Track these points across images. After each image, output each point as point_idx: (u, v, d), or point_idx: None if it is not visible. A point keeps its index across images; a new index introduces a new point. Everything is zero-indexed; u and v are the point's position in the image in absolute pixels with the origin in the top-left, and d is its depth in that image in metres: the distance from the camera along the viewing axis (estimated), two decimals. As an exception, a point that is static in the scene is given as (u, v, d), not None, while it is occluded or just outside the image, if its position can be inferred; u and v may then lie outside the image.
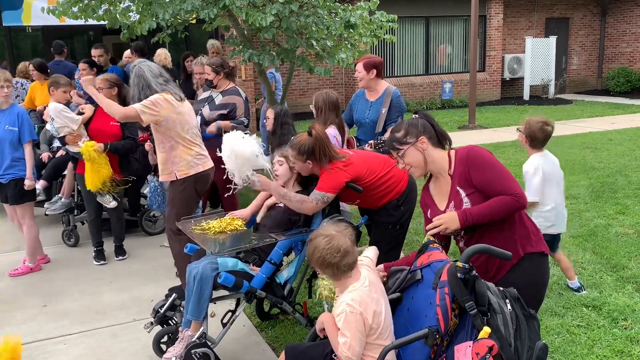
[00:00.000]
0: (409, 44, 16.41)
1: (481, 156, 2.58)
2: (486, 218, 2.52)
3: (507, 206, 2.49)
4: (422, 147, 2.65)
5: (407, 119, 2.75)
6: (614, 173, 7.77)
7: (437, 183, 2.76)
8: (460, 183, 2.60)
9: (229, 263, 3.32)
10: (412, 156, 2.66)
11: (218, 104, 5.41)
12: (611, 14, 19.18)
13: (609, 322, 3.86)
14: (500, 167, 2.56)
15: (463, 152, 2.63)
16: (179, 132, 4.12)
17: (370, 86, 4.94)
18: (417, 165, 2.68)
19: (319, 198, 3.40)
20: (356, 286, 2.43)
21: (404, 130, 2.68)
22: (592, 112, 14.40)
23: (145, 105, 3.97)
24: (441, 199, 2.71)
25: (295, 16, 6.41)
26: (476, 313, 2.20)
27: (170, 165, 4.17)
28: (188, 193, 4.25)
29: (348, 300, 2.38)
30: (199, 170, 4.27)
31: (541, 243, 2.65)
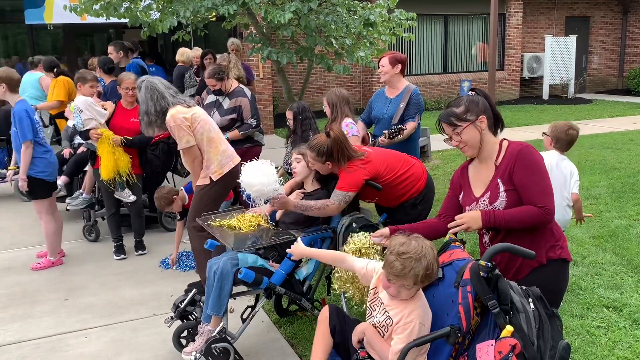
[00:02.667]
0: (427, 43, 16.33)
1: (532, 158, 2.51)
2: (509, 224, 2.49)
3: (533, 218, 2.46)
4: (481, 127, 2.57)
5: (467, 95, 2.63)
6: (635, 173, 7.67)
7: (478, 168, 2.69)
8: (503, 176, 2.54)
9: (249, 259, 3.35)
10: (470, 135, 2.57)
11: (227, 109, 5.48)
12: (633, 12, 18.92)
13: (630, 324, 3.82)
14: (544, 177, 2.50)
15: (516, 147, 2.55)
16: (206, 135, 4.17)
17: (392, 82, 4.93)
18: (472, 145, 2.59)
19: (341, 198, 3.42)
20: (423, 300, 2.41)
21: (464, 106, 2.57)
22: (613, 111, 14.22)
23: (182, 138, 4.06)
24: (478, 185, 2.66)
25: (314, 14, 6.43)
26: (499, 312, 2.19)
27: (205, 170, 4.21)
28: (218, 192, 4.30)
29: (421, 311, 2.35)
30: (231, 167, 4.31)
31: (565, 250, 2.61)
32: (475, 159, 2.69)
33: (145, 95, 4.12)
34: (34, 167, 4.94)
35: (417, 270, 2.26)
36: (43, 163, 4.99)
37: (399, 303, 2.39)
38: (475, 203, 2.62)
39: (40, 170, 4.98)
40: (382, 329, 2.42)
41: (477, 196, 2.62)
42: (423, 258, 2.27)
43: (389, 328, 2.39)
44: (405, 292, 2.33)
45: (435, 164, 8.93)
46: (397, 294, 2.34)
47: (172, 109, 4.10)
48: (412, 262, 2.26)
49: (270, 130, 12.30)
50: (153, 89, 4.11)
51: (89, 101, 5.23)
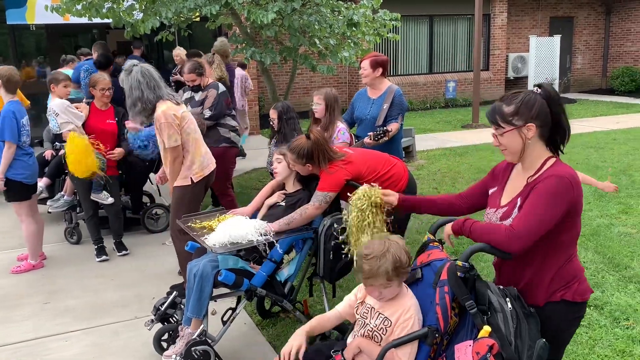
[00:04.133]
0: (412, 43, 16.37)
1: (553, 185, 2.15)
2: (470, 234, 2.29)
3: (494, 235, 2.18)
4: (527, 135, 2.22)
5: (526, 92, 2.24)
6: (618, 172, 7.74)
7: (519, 174, 2.36)
8: (525, 195, 2.23)
9: (229, 261, 3.32)
10: (511, 140, 2.24)
11: (197, 100, 5.52)
12: (616, 12, 19.10)
13: (611, 322, 3.85)
14: (548, 206, 2.13)
15: (553, 172, 2.19)
16: (192, 135, 4.15)
17: (374, 84, 4.94)
18: (512, 152, 2.27)
19: (322, 199, 3.40)
20: (410, 294, 2.41)
21: (515, 106, 2.22)
22: (597, 111, 14.35)
23: (171, 136, 3.99)
24: (509, 193, 2.37)
25: (297, 14, 6.41)
26: (476, 312, 2.20)
27: (186, 170, 4.18)
28: (197, 193, 4.28)
29: (415, 305, 2.35)
30: (211, 170, 4.30)
31: (586, 292, 2.30)
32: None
33: (141, 80, 3.95)
34: (12, 169, 4.88)
35: (385, 266, 2.27)
36: (22, 165, 4.92)
37: (391, 303, 2.38)
38: (495, 210, 2.37)
39: (19, 173, 4.91)
40: (380, 332, 2.38)
41: (501, 204, 2.36)
42: (387, 253, 2.28)
43: (387, 330, 2.36)
44: (387, 290, 2.32)
45: (420, 164, 8.95)
46: (381, 296, 2.34)
47: (163, 103, 4.01)
48: (377, 261, 2.27)
49: (256, 130, 12.27)
50: (150, 77, 3.99)
51: (65, 104, 5.16)
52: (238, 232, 3.18)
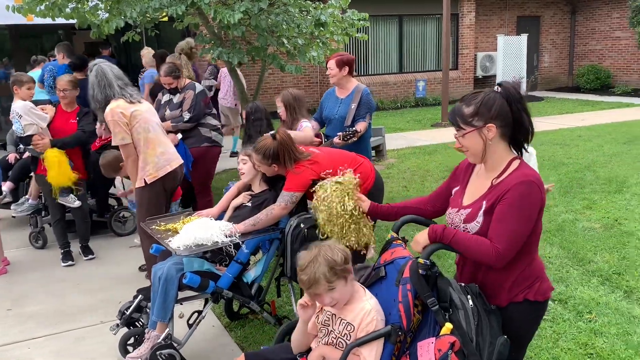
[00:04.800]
0: (382, 43, 16.46)
1: (526, 198, 2.13)
2: (453, 244, 2.23)
3: (479, 252, 2.16)
4: (487, 136, 2.20)
5: (486, 91, 2.22)
6: (583, 169, 7.90)
7: (481, 174, 2.35)
8: (490, 200, 2.20)
9: (194, 263, 3.29)
10: (472, 142, 2.22)
11: (175, 103, 5.45)
12: (580, 12, 19.49)
13: (574, 316, 3.92)
14: (522, 223, 2.14)
15: (520, 176, 2.17)
16: (144, 135, 4.11)
17: (341, 83, 4.97)
18: (474, 153, 2.26)
19: (288, 199, 3.39)
20: (369, 294, 2.40)
21: (474, 107, 2.19)
22: (563, 108, 14.62)
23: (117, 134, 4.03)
24: (471, 194, 2.35)
25: (265, 14, 6.39)
26: (438, 309, 2.21)
27: (140, 171, 4.15)
28: (157, 194, 4.23)
29: (375, 307, 2.33)
30: (168, 171, 4.26)
31: (547, 290, 2.33)
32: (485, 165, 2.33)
33: (94, 80, 4.08)
34: None
35: (321, 270, 2.26)
36: None
37: (351, 308, 2.37)
38: (457, 210, 2.34)
39: None
40: (344, 339, 2.36)
41: (463, 204, 2.34)
42: (318, 257, 2.28)
43: (350, 335, 2.34)
44: (336, 293, 2.31)
45: (390, 163, 9.00)
46: (333, 301, 2.33)
47: (113, 101, 4.04)
48: (311, 268, 2.27)
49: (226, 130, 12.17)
50: (102, 75, 4.07)
51: (28, 106, 5.05)
52: (203, 234, 3.15)
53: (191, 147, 5.39)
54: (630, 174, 7.48)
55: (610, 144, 9.59)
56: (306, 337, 2.56)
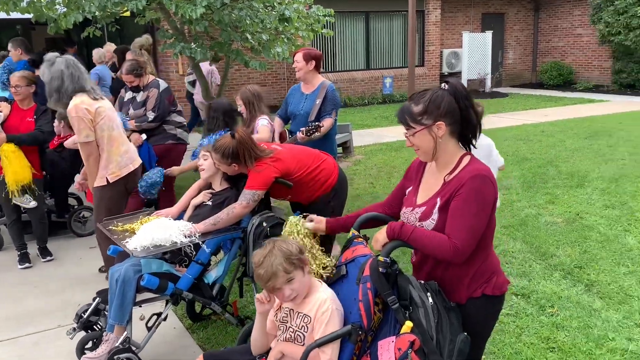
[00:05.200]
0: (349, 39, 16.45)
1: (480, 191, 2.13)
2: (411, 241, 2.21)
3: (438, 249, 2.15)
4: (437, 134, 2.19)
5: (434, 90, 2.21)
6: (545, 164, 8.01)
7: (433, 172, 2.34)
8: (444, 197, 2.20)
9: (152, 265, 3.21)
10: (423, 140, 2.22)
11: (139, 101, 5.31)
12: (544, 9, 19.83)
13: (537, 310, 3.96)
14: (479, 217, 2.14)
15: (472, 170, 2.17)
16: (108, 132, 4.01)
17: (307, 78, 4.93)
18: (425, 152, 2.25)
19: (250, 197, 3.33)
20: (325, 286, 2.38)
21: (423, 105, 2.18)
22: (527, 104, 14.84)
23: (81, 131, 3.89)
24: (424, 192, 2.34)
25: (228, 9, 6.29)
26: (398, 307, 2.19)
27: (102, 170, 4.03)
28: (119, 193, 4.13)
29: (331, 297, 2.31)
30: (130, 170, 4.16)
31: (504, 284, 2.33)
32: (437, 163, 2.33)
33: (64, 71, 3.90)
34: None
35: (277, 262, 2.25)
36: None
37: (307, 300, 2.35)
38: (412, 209, 2.33)
39: None
40: (301, 331, 2.34)
41: (417, 203, 2.33)
42: (273, 250, 2.28)
43: (308, 327, 2.33)
44: (296, 284, 2.29)
45: (357, 159, 8.99)
46: (293, 293, 2.30)
47: (77, 97, 3.92)
48: (268, 261, 2.26)
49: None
50: (75, 67, 3.95)
51: None
52: (161, 234, 3.07)
53: (155, 144, 5.28)
54: (591, 169, 7.62)
55: (572, 139, 9.77)
56: (265, 337, 2.51)
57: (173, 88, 12.13)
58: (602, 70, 18.37)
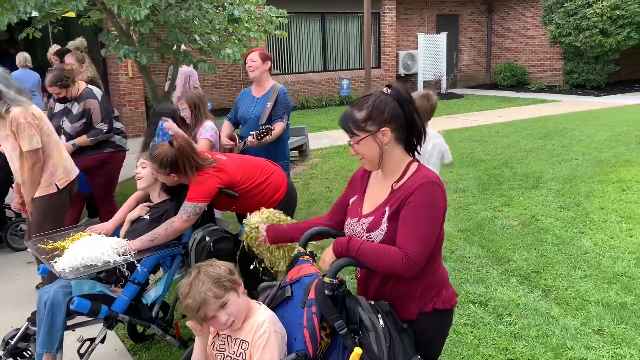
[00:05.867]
0: (305, 41, 16.30)
1: (430, 199, 2.01)
2: (360, 257, 2.05)
3: (390, 263, 1.98)
4: (383, 141, 2.07)
5: (377, 94, 2.08)
6: (500, 165, 8.00)
7: (379, 180, 2.21)
8: (393, 205, 2.07)
9: (84, 286, 2.94)
10: (368, 148, 2.08)
11: (76, 114, 4.91)
12: (496, 11, 20.10)
13: (495, 319, 3.85)
14: (431, 225, 2.00)
15: (421, 178, 2.05)
16: (54, 137, 3.80)
17: (261, 80, 4.73)
18: (371, 160, 2.12)
19: (191, 210, 3.10)
20: (264, 308, 2.21)
21: (366, 111, 2.06)
22: (482, 105, 14.96)
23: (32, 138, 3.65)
24: (370, 201, 2.20)
25: (174, 9, 6.02)
26: (346, 333, 2.01)
27: (49, 177, 3.76)
28: (63, 202, 3.89)
29: (269, 318, 2.13)
30: (76, 174, 3.94)
31: (453, 297, 2.22)
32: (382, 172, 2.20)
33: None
34: None
35: (205, 288, 2.08)
36: None
37: (244, 326, 2.17)
38: (357, 219, 2.18)
39: None
40: (239, 358, 2.17)
41: (363, 213, 2.19)
42: (198, 275, 2.12)
43: (245, 353, 2.15)
44: (231, 308, 2.12)
45: (314, 163, 8.83)
46: (229, 318, 2.11)
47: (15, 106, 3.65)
48: (195, 290, 2.08)
49: (143, 132, 11.63)
50: (6, 78, 3.70)
51: None
52: (92, 253, 2.82)
53: (95, 153, 4.98)
54: (545, 169, 7.64)
55: (526, 140, 9.83)
56: None
57: (123, 91, 11.83)
58: (554, 70, 18.74)
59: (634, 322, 3.73)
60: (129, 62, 11.15)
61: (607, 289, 4.22)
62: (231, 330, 2.18)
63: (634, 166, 7.61)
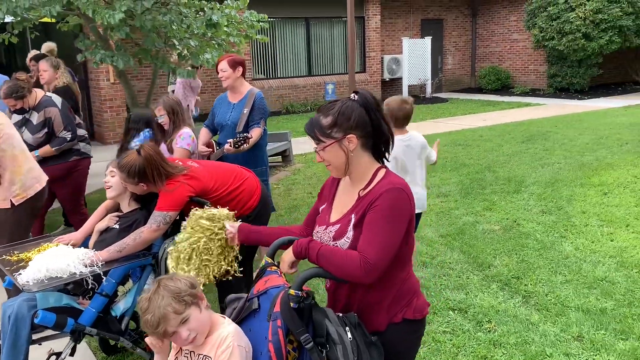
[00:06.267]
0: (290, 45, 16.25)
1: (395, 205, 1.97)
2: (319, 260, 2.02)
3: (348, 266, 1.94)
4: (349, 148, 2.04)
5: (343, 101, 2.06)
6: (483, 169, 7.98)
7: (347, 188, 2.17)
8: (358, 213, 2.04)
9: (50, 298, 2.86)
10: (334, 155, 2.05)
11: (36, 124, 4.77)
12: (481, 15, 20.18)
13: (474, 326, 3.80)
14: (392, 232, 1.96)
15: (387, 184, 2.01)
16: (10, 151, 3.62)
17: (235, 86, 4.66)
18: (336, 167, 2.08)
19: (160, 220, 3.03)
20: (229, 322, 2.14)
21: (332, 117, 2.03)
22: (466, 109, 14.99)
23: None
24: (338, 209, 2.17)
25: (152, 14, 5.94)
26: (312, 347, 1.95)
27: (5, 191, 3.64)
28: (21, 218, 3.73)
29: (233, 332, 2.06)
30: (37, 190, 3.78)
31: (424, 307, 2.17)
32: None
33: None
34: None
35: (165, 303, 1.99)
36: None
37: (207, 340, 2.10)
38: (325, 228, 2.15)
39: None
40: None
41: (331, 221, 2.15)
42: (159, 290, 2.03)
43: None
44: (192, 323, 2.04)
45: (297, 168, 8.77)
46: (191, 334, 2.04)
47: None
48: (154, 305, 1.99)
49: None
50: None
51: None
52: (57, 264, 2.73)
53: (59, 162, 4.87)
54: (528, 174, 7.63)
55: (509, 144, 9.83)
56: None
57: (104, 97, 11.71)
58: (538, 74, 18.83)
59: (613, 327, 3.70)
60: (110, 67, 11.04)
61: (588, 294, 4.19)
62: (194, 346, 2.11)
63: (616, 169, 7.63)
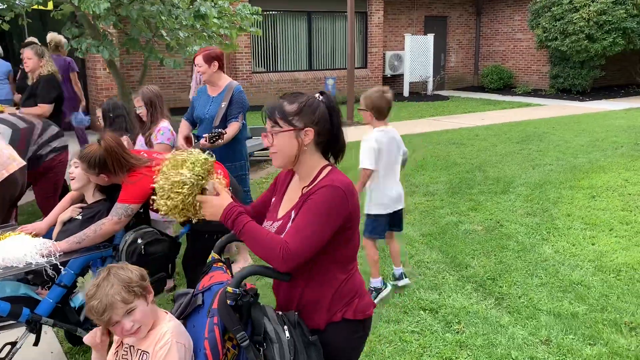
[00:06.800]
0: (291, 39, 16.19)
1: (327, 197, 1.95)
2: (243, 235, 2.00)
3: (269, 248, 1.93)
4: (303, 141, 2.02)
5: (310, 95, 2.06)
6: (473, 169, 7.93)
7: (295, 185, 2.16)
8: (299, 207, 2.03)
9: (6, 288, 2.86)
10: (286, 143, 2.02)
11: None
12: (485, 13, 20.06)
13: (443, 327, 3.78)
14: (322, 224, 1.93)
15: (327, 181, 2.00)
16: None
17: (213, 80, 4.62)
18: (283, 156, 2.04)
19: (122, 212, 3.01)
20: (169, 318, 2.12)
21: (297, 106, 2.01)
22: (466, 108, 14.91)
23: None
24: (286, 204, 2.16)
25: (138, 4, 5.92)
26: (248, 345, 1.93)
27: None
28: None
29: (172, 329, 2.05)
30: (4, 177, 3.77)
31: (368, 307, 2.14)
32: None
33: None
34: None
35: (114, 291, 1.97)
36: None
37: (149, 334, 2.09)
38: (271, 223, 2.14)
39: None
40: None
41: (277, 217, 2.14)
42: (109, 277, 2.01)
43: None
44: (138, 314, 2.02)
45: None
46: (134, 325, 2.03)
47: None
48: (102, 292, 1.97)
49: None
50: None
51: None
52: (13, 253, 2.72)
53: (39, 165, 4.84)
54: (518, 174, 7.58)
55: (504, 144, 9.77)
56: None
57: (100, 86, 11.70)
58: (541, 74, 18.72)
59: (582, 332, 3.67)
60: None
61: (561, 297, 4.16)
62: (135, 340, 2.09)
63: (607, 172, 7.57)
